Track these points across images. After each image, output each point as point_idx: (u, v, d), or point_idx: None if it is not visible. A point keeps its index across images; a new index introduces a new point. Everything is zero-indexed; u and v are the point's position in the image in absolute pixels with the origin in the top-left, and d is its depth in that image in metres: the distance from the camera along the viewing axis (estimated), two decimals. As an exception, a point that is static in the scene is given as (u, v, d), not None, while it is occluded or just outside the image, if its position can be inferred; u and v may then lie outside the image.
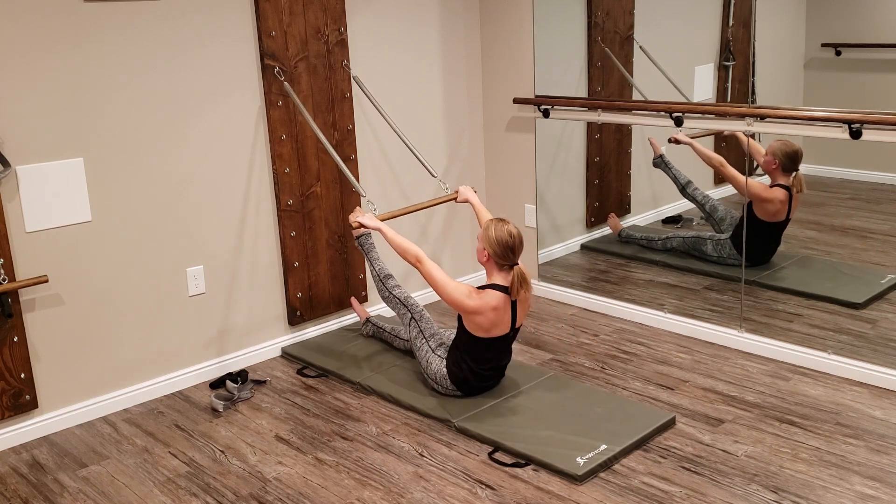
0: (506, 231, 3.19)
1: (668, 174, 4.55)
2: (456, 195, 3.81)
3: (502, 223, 3.22)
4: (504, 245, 3.18)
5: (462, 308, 3.22)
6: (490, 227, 3.22)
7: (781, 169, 4.06)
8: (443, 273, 3.28)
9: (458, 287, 3.23)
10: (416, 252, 3.32)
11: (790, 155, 4.05)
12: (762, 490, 2.76)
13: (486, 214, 3.61)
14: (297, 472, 3.02)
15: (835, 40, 4.18)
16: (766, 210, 4.12)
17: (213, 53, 3.63)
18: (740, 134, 4.08)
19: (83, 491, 2.97)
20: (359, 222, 3.44)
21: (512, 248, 3.20)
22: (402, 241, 3.37)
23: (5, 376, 3.25)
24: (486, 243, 3.21)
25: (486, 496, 2.81)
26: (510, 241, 3.19)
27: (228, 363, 3.90)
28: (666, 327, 4.14)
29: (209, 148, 3.69)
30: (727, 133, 4.24)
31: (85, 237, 3.39)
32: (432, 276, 3.26)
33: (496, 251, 3.19)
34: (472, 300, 3.19)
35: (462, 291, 3.21)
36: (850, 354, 3.56)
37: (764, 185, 4.12)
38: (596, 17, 4.50)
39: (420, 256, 3.31)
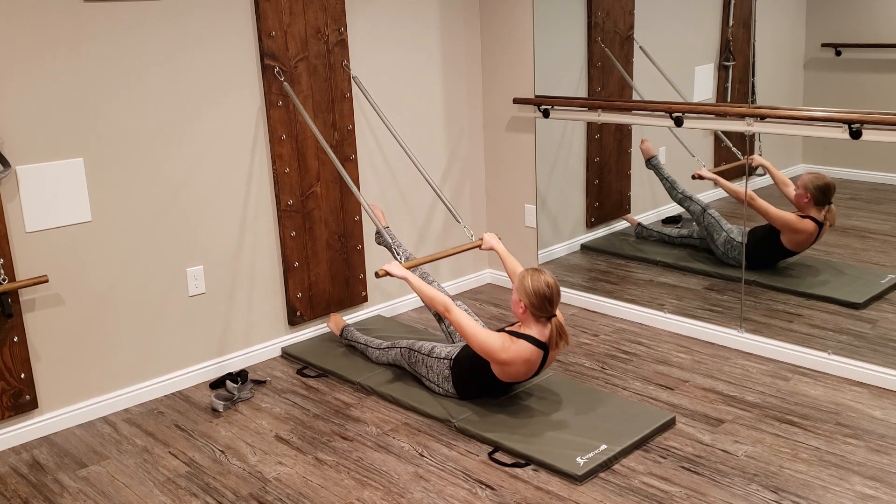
0: (543, 282, 3.09)
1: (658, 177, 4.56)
2: (480, 243, 3.70)
3: (538, 274, 3.12)
4: (541, 296, 3.08)
5: (493, 359, 3.15)
6: (526, 277, 3.11)
7: (813, 202, 4.02)
8: (472, 322, 3.19)
9: (490, 337, 3.14)
10: (444, 301, 3.24)
11: (822, 188, 4.00)
12: (762, 490, 2.76)
13: (512, 261, 3.53)
14: (297, 472, 3.02)
15: (835, 40, 4.17)
16: (793, 240, 4.10)
17: (213, 53, 3.63)
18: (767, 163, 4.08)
19: (83, 491, 2.97)
20: (385, 270, 3.35)
21: (550, 300, 3.10)
22: (429, 290, 3.30)
23: (5, 376, 3.25)
24: (523, 295, 3.11)
25: (486, 496, 2.81)
26: (547, 292, 3.09)
27: (228, 363, 3.90)
28: (666, 327, 4.14)
29: (209, 148, 3.69)
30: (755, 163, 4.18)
31: (85, 237, 3.39)
32: (461, 325, 3.17)
33: (533, 303, 3.09)
34: (504, 353, 3.11)
35: (495, 343, 3.12)
36: (850, 354, 3.56)
37: (795, 217, 4.07)
38: (596, 17, 4.50)
39: (448, 306, 3.22)
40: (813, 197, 4.01)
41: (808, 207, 4.04)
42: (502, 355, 3.12)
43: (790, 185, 4.15)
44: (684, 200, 4.51)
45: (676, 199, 4.53)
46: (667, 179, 4.52)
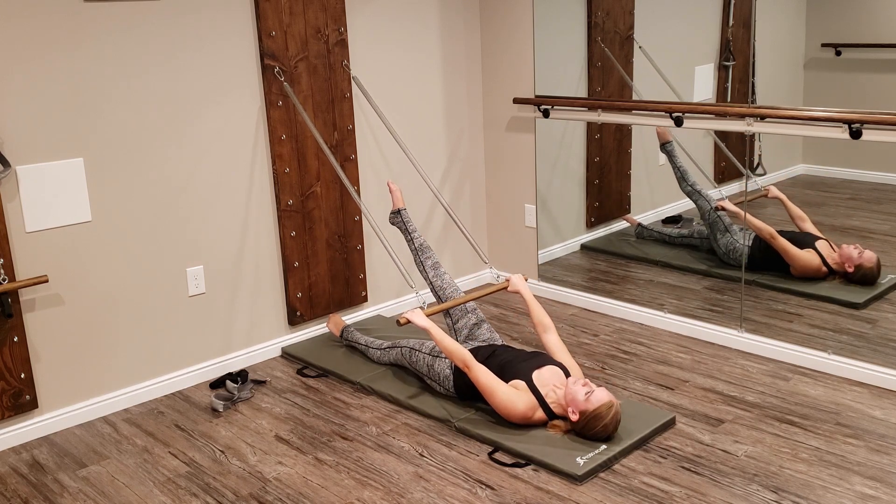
0: (608, 431, 2.98)
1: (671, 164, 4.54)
2: (507, 285, 3.63)
3: (609, 411, 2.95)
4: (590, 436, 3.00)
5: (508, 418, 3.11)
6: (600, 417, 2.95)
7: (846, 273, 3.99)
8: (493, 379, 3.11)
9: (511, 398, 3.06)
10: (464, 357, 3.16)
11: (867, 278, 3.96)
12: (762, 490, 2.76)
13: (537, 308, 3.47)
14: (297, 472, 3.02)
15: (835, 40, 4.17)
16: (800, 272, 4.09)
17: (213, 53, 3.63)
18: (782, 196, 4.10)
19: (83, 491, 2.97)
20: (407, 318, 3.28)
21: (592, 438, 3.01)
22: (451, 344, 3.21)
23: (5, 376, 3.25)
24: (582, 422, 2.98)
25: (486, 496, 2.81)
26: (601, 436, 2.99)
27: (228, 363, 3.90)
28: (666, 327, 4.14)
29: (209, 148, 3.69)
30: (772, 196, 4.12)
31: (85, 237, 3.39)
32: (480, 382, 3.12)
33: (581, 431, 3.01)
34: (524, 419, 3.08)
35: (516, 407, 3.06)
36: (850, 354, 3.56)
37: (817, 264, 4.04)
38: (596, 17, 4.50)
39: (468, 362, 3.14)
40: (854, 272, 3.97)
41: (840, 267, 4.02)
42: (518, 418, 3.09)
43: (807, 221, 4.15)
44: (693, 194, 4.49)
45: (685, 190, 4.52)
46: (678, 168, 4.50)
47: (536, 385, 3.09)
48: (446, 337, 3.22)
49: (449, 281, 3.70)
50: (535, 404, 3.07)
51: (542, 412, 3.09)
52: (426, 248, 3.76)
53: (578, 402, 2.98)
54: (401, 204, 3.89)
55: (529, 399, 3.07)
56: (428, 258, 3.74)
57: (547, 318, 3.44)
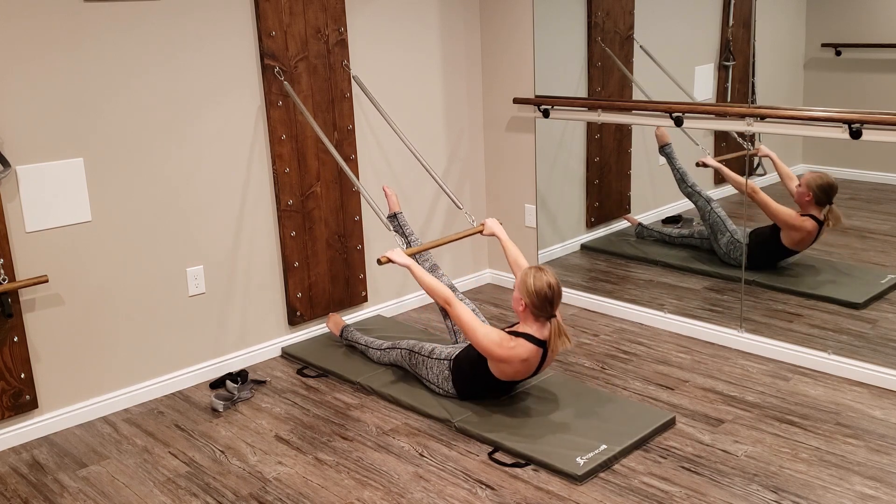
0: (545, 282, 3.08)
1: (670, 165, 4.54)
2: (482, 228, 3.69)
3: (541, 273, 3.11)
4: (542, 297, 3.08)
5: (490, 355, 3.16)
6: (528, 276, 3.11)
7: (815, 201, 4.02)
8: (472, 316, 3.19)
9: (489, 334, 3.14)
10: (445, 294, 3.24)
11: (824, 188, 4.00)
12: (762, 490, 2.76)
13: (513, 249, 3.53)
14: (297, 472, 3.02)
15: (835, 40, 4.17)
16: (791, 238, 4.11)
17: (213, 53, 3.63)
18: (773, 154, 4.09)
19: (83, 491, 2.97)
20: (387, 258, 3.34)
21: (550, 301, 3.10)
22: (431, 280, 3.28)
23: (5, 376, 3.25)
24: (524, 293, 3.10)
25: (486, 496, 2.81)
26: (549, 293, 3.08)
27: (228, 363, 3.90)
28: (666, 327, 4.14)
29: (209, 148, 3.69)
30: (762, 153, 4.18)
31: (85, 237, 3.39)
32: (461, 320, 3.18)
33: (534, 302, 3.09)
34: (502, 349, 3.12)
35: (493, 339, 3.13)
36: (850, 354, 3.56)
37: (795, 213, 4.08)
38: (596, 17, 4.50)
39: (449, 299, 3.23)
40: (814, 196, 4.02)
41: (808, 206, 4.04)
42: (499, 352, 3.12)
43: (794, 180, 4.15)
44: (692, 195, 4.50)
45: (685, 191, 4.52)
46: (678, 170, 4.51)
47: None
48: (427, 274, 3.30)
49: (447, 282, 3.70)
50: (509, 336, 3.15)
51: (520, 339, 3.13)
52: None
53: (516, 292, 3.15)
54: (396, 208, 3.91)
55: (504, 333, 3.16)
56: (426, 260, 3.74)
57: (522, 259, 3.49)
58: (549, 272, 3.13)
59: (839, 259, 4.29)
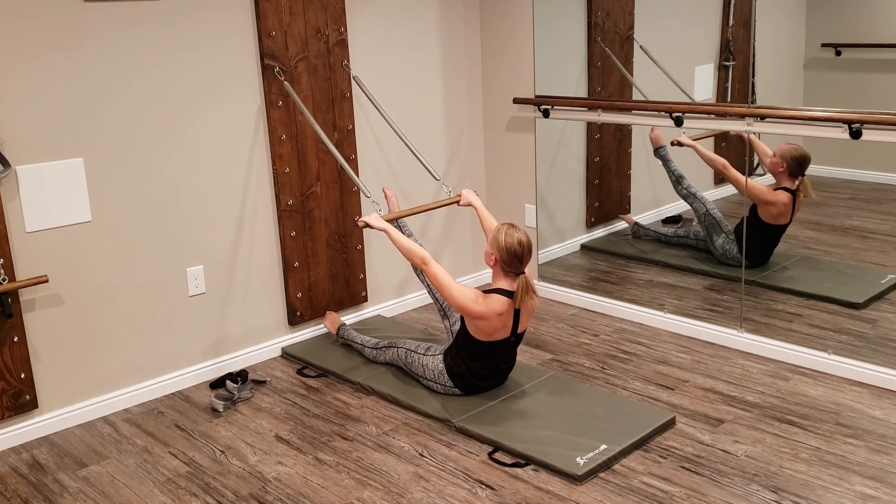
0: (515, 239, 3.18)
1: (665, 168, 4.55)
2: (458, 198, 3.78)
3: (513, 230, 3.21)
4: (512, 253, 3.18)
5: (467, 312, 3.21)
6: (500, 232, 3.21)
7: (788, 172, 4.05)
8: (448, 276, 3.26)
9: (464, 291, 3.21)
10: (422, 254, 3.31)
11: (798, 159, 4.04)
12: (762, 490, 2.76)
13: (489, 218, 3.61)
14: (297, 472, 3.02)
15: (835, 40, 4.18)
16: (769, 212, 4.12)
17: (213, 53, 3.63)
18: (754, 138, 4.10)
19: (83, 491, 2.97)
20: (364, 221, 3.43)
21: (520, 258, 3.19)
22: (407, 242, 3.36)
23: (5, 376, 3.25)
24: (495, 249, 3.21)
25: (486, 496, 2.81)
26: (518, 249, 3.18)
27: (228, 363, 3.90)
28: (666, 327, 4.14)
29: (209, 148, 3.69)
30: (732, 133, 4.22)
31: (85, 237, 3.39)
32: (437, 279, 3.25)
33: (503, 258, 3.19)
34: (477, 305, 3.18)
35: (468, 296, 3.20)
36: (850, 354, 3.56)
37: (767, 187, 4.12)
38: (596, 17, 4.50)
39: (426, 258, 3.29)
40: (788, 167, 4.05)
41: (782, 177, 4.09)
42: (475, 307, 3.18)
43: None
44: (688, 196, 4.50)
45: (681, 193, 4.53)
46: (673, 173, 4.51)
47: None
48: (403, 237, 3.38)
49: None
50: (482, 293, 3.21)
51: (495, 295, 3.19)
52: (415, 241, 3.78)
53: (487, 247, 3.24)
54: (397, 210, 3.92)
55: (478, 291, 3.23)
56: (404, 232, 3.76)
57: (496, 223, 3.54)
58: (520, 230, 3.23)
59: (839, 259, 4.29)
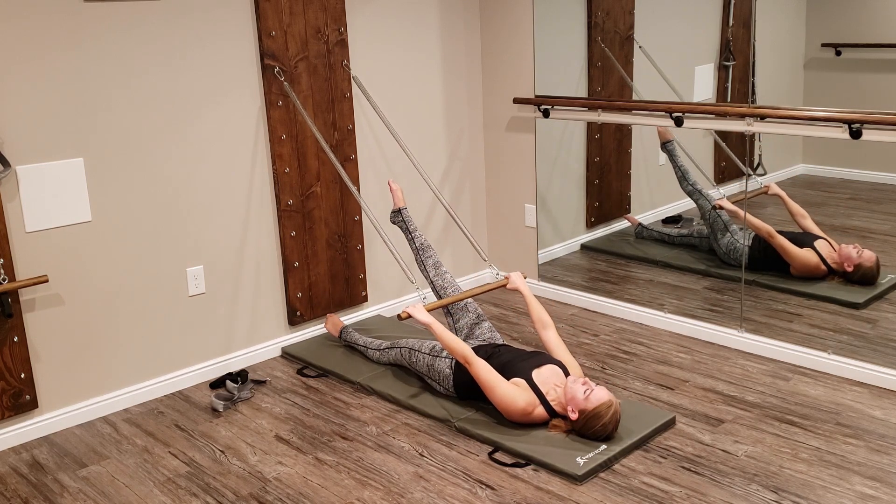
0: (607, 431, 2.98)
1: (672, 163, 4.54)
2: (506, 282, 3.63)
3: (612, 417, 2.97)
4: (588, 434, 3.01)
5: (508, 415, 3.12)
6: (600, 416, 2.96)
7: (846, 272, 3.98)
8: (494, 374, 3.11)
9: (512, 395, 3.07)
10: (465, 353, 3.15)
11: (866, 277, 3.94)
12: (762, 490, 2.76)
13: (537, 307, 3.48)
14: (297, 472, 3.02)
15: (835, 40, 4.17)
16: (800, 271, 4.08)
17: (213, 53, 3.63)
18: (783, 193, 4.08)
19: (83, 491, 2.97)
20: (408, 313, 3.28)
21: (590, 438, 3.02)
22: (451, 339, 3.19)
23: (5, 376, 3.25)
24: (582, 421, 2.99)
25: (486, 496, 2.81)
26: (600, 436, 2.99)
27: (228, 363, 3.90)
28: (666, 327, 4.14)
29: (209, 148, 3.69)
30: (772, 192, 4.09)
31: (85, 237, 3.39)
32: (480, 378, 3.11)
33: (579, 429, 3.02)
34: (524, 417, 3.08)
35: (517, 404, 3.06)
36: (850, 354, 3.56)
37: (815, 262, 4.03)
38: (596, 17, 4.50)
39: (468, 358, 3.14)
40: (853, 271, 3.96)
41: (839, 267, 4.01)
42: (518, 418, 3.09)
43: (807, 218, 4.12)
44: (693, 193, 4.49)
45: (686, 190, 4.51)
46: (679, 168, 4.50)
47: (536, 383, 3.09)
48: (447, 332, 3.22)
49: (450, 280, 3.70)
50: (535, 401, 3.08)
51: (543, 409, 3.09)
52: (427, 247, 3.77)
53: (578, 400, 2.98)
54: (401, 203, 3.89)
55: (529, 396, 3.08)
56: (429, 257, 3.74)
57: (546, 316, 3.45)
58: (615, 419, 2.99)
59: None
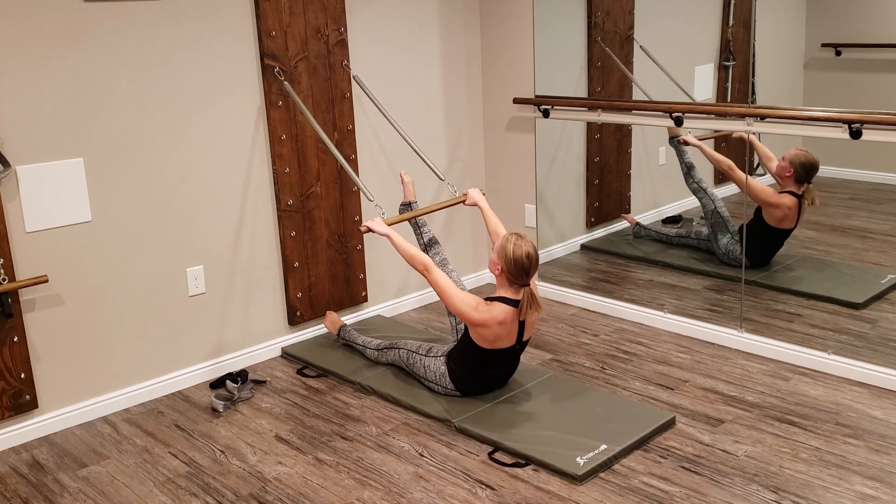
0: (523, 251, 3.12)
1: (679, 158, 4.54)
2: (464, 198, 3.75)
3: (521, 241, 3.15)
4: (519, 265, 3.13)
5: (468, 320, 3.20)
6: (508, 242, 3.15)
7: (794, 178, 4.04)
8: (450, 283, 3.25)
9: (465, 298, 3.20)
10: (424, 260, 3.28)
11: (807, 166, 4.02)
12: (762, 490, 2.76)
13: (494, 219, 3.58)
14: (297, 472, 3.02)
15: (835, 40, 4.18)
16: (773, 215, 4.12)
17: (213, 53, 3.63)
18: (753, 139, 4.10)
19: (83, 491, 2.97)
20: (367, 227, 3.40)
21: (526, 270, 3.14)
22: (410, 248, 3.33)
23: (5, 376, 3.25)
24: (501, 259, 3.15)
25: (486, 496, 2.81)
26: (526, 262, 3.13)
27: (228, 363, 3.90)
28: (666, 327, 4.14)
29: (209, 148, 3.69)
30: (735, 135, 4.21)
31: (85, 237, 3.39)
32: (439, 285, 3.23)
33: (510, 269, 3.14)
34: (478, 313, 3.16)
35: (469, 303, 3.18)
36: (850, 354, 3.56)
37: (773, 190, 4.11)
38: (596, 17, 4.50)
39: (428, 265, 3.27)
40: (795, 172, 4.05)
41: (788, 181, 4.08)
42: (476, 315, 3.16)
43: (773, 160, 4.18)
44: (698, 191, 4.49)
45: (691, 187, 4.52)
46: (685, 164, 4.50)
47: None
48: (405, 242, 3.35)
49: (456, 278, 3.70)
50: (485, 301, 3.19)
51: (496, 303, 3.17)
52: (435, 242, 3.78)
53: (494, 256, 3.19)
54: (412, 196, 3.90)
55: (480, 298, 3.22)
56: (436, 253, 3.75)
57: (502, 228, 3.53)
58: (528, 241, 3.18)
59: (839, 259, 4.29)
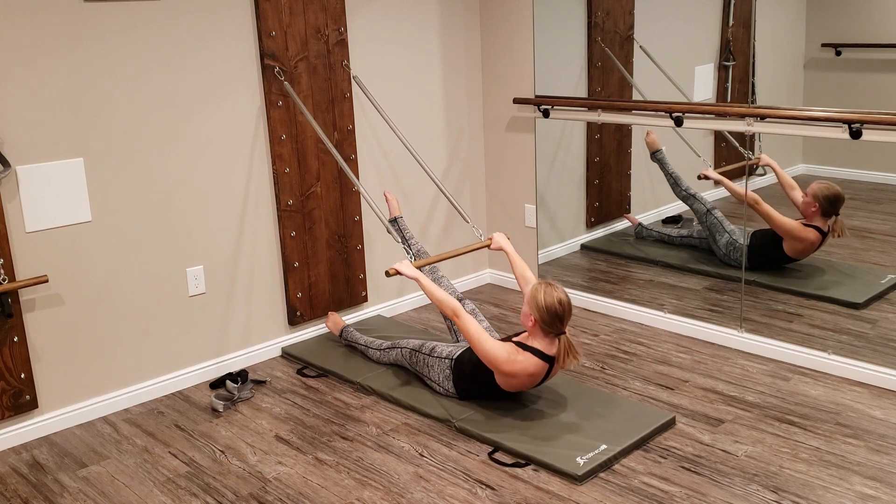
0: (555, 298, 3.05)
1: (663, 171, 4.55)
2: (489, 242, 3.67)
3: (551, 289, 3.08)
4: (553, 314, 3.05)
5: (497, 369, 3.14)
6: (539, 291, 3.08)
7: (821, 212, 3.98)
8: (481, 329, 3.16)
9: (496, 347, 3.12)
10: (454, 305, 3.21)
11: (831, 199, 3.95)
12: (762, 490, 2.76)
13: (520, 263, 3.51)
14: (297, 472, 3.02)
15: (835, 40, 4.17)
16: (794, 248, 4.08)
17: (213, 53, 3.63)
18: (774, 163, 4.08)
19: (83, 491, 2.97)
20: (395, 270, 3.33)
21: (560, 317, 3.06)
22: (439, 291, 3.27)
23: (5, 376, 3.25)
24: (534, 309, 3.07)
25: (486, 496, 2.81)
26: (559, 309, 3.05)
27: (228, 363, 3.90)
28: (666, 327, 4.14)
29: (209, 148, 3.69)
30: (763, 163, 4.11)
31: (85, 237, 3.39)
32: (469, 332, 3.15)
33: (543, 319, 3.06)
34: (509, 365, 3.10)
35: (500, 354, 3.11)
36: (850, 354, 3.56)
37: (799, 224, 4.04)
38: (596, 17, 4.50)
39: (457, 310, 3.19)
40: (821, 207, 3.97)
41: (814, 217, 4.01)
42: (507, 367, 3.11)
43: (796, 189, 4.11)
44: (688, 198, 4.50)
45: (680, 195, 4.52)
46: (671, 175, 4.51)
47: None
48: (434, 286, 3.29)
49: (447, 284, 3.70)
50: (516, 349, 3.13)
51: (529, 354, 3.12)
52: (423, 253, 3.78)
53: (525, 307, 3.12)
54: (397, 212, 3.93)
55: (511, 347, 3.15)
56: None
57: (529, 272, 3.48)
58: (559, 288, 3.10)
59: (839, 259, 4.29)
